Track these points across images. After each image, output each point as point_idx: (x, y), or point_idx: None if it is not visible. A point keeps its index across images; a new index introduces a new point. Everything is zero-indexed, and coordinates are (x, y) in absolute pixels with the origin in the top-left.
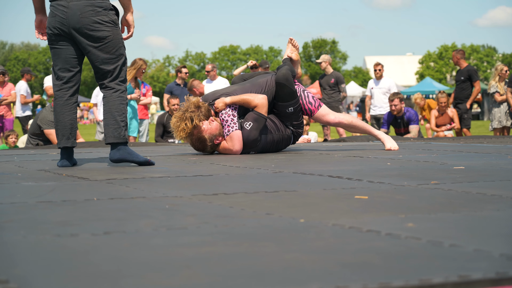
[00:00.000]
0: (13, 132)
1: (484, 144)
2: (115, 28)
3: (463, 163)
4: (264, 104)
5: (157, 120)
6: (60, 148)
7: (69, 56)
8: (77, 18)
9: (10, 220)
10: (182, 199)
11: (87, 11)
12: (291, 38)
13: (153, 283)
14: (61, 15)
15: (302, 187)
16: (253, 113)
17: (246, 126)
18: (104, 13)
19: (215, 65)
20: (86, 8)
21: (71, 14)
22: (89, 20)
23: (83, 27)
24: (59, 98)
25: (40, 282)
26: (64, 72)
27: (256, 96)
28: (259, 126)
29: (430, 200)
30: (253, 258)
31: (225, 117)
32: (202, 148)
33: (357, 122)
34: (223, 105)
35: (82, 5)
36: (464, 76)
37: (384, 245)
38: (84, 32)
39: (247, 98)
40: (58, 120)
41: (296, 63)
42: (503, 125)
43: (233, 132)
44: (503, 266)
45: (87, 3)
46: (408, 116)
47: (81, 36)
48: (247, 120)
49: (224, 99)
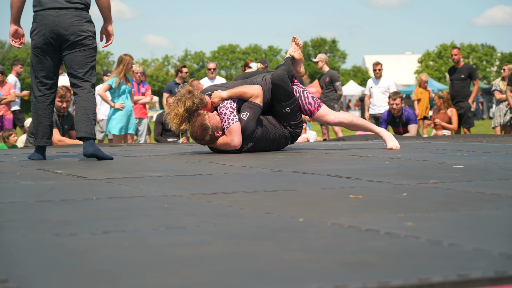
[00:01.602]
0: (13, 131)
1: (483, 143)
2: (95, 38)
3: (462, 162)
4: (260, 93)
5: (156, 119)
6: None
7: (53, 65)
8: (66, 25)
9: (9, 220)
10: (181, 198)
11: (75, 20)
12: (294, 36)
13: (152, 282)
14: (51, 24)
15: (301, 186)
16: (248, 103)
17: (243, 116)
18: (88, 24)
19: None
20: (74, 18)
21: (61, 22)
22: (77, 28)
23: (71, 34)
24: (42, 102)
25: (39, 282)
26: (48, 79)
27: (251, 87)
28: (255, 115)
29: (429, 199)
30: (252, 258)
31: (223, 110)
32: (201, 136)
33: (357, 121)
34: (219, 99)
35: (71, 15)
36: (465, 74)
37: (383, 244)
38: (71, 39)
39: (243, 90)
40: (39, 121)
41: (299, 62)
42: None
43: (233, 124)
44: (502, 265)
45: (75, 13)
46: (407, 116)
47: (67, 42)
48: (243, 111)
49: (221, 92)
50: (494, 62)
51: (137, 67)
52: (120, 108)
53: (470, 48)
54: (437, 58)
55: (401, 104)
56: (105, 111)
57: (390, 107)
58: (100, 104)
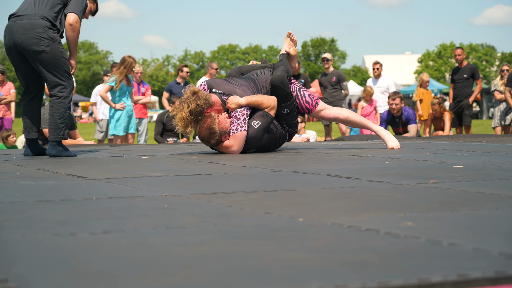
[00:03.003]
0: (12, 132)
1: (483, 143)
2: (53, 43)
3: (462, 162)
4: (274, 106)
5: (157, 118)
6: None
7: (25, 69)
8: (19, 34)
9: (9, 219)
10: (181, 198)
11: (27, 29)
12: (289, 32)
13: (152, 282)
14: (8, 34)
15: (301, 186)
16: (262, 112)
17: (254, 124)
18: (42, 30)
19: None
20: (26, 26)
21: (15, 32)
22: (28, 36)
23: (24, 42)
24: (23, 100)
25: (39, 281)
26: (23, 82)
27: (269, 98)
28: (266, 126)
29: (429, 199)
30: (252, 257)
31: (238, 114)
32: (207, 138)
33: (354, 117)
34: (236, 106)
35: (24, 24)
36: (467, 74)
37: (383, 244)
38: (24, 47)
39: (261, 100)
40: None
41: (294, 58)
42: (503, 123)
43: (240, 132)
44: (502, 265)
45: (27, 22)
46: (407, 116)
47: (23, 51)
48: (255, 119)
49: (239, 99)
50: (494, 62)
51: (138, 67)
52: (121, 108)
53: (470, 48)
54: (437, 58)
55: (400, 104)
56: (105, 111)
57: (390, 107)
58: (100, 104)
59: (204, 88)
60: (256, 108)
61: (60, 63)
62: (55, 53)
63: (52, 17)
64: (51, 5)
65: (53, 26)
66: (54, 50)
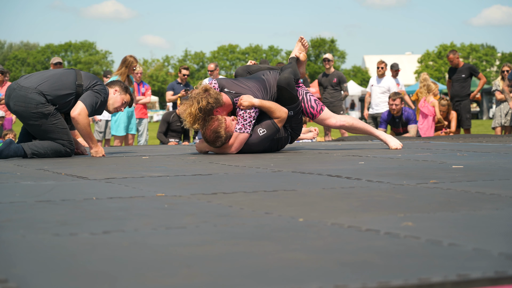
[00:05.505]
0: (11, 132)
1: (483, 143)
2: (44, 119)
3: (462, 162)
4: (284, 118)
5: (163, 117)
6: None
7: None
8: (12, 103)
9: (9, 219)
10: (181, 199)
11: (20, 101)
12: (301, 37)
13: (152, 282)
14: (7, 96)
15: (301, 186)
16: (271, 121)
17: (259, 131)
18: (34, 106)
19: (217, 64)
20: (20, 99)
21: (11, 99)
22: (19, 109)
23: (16, 112)
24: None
25: (39, 281)
26: None
27: (282, 109)
28: (270, 136)
29: (429, 199)
30: (252, 257)
31: (246, 115)
32: (212, 141)
33: (358, 124)
34: (249, 104)
35: (18, 95)
36: (466, 74)
37: (383, 244)
38: (17, 116)
39: (274, 107)
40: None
41: (303, 64)
42: (504, 124)
43: (243, 134)
44: (502, 265)
45: (23, 95)
46: (407, 116)
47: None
48: (262, 127)
49: (253, 99)
50: (494, 62)
51: (138, 67)
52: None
53: (470, 48)
54: (437, 58)
55: (400, 104)
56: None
57: (390, 107)
58: None
59: (214, 87)
60: (265, 114)
61: (55, 133)
62: (47, 126)
63: (54, 96)
64: (58, 87)
65: (48, 102)
66: (45, 124)
